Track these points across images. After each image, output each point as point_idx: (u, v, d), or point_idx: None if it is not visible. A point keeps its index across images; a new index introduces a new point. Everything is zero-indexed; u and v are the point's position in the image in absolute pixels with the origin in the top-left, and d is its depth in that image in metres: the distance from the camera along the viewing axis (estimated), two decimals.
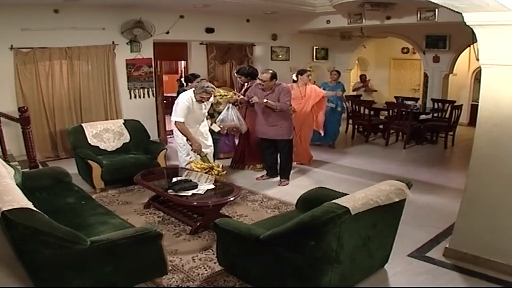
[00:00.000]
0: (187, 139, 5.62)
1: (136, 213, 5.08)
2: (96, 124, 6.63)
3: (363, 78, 12.24)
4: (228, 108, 6.48)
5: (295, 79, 7.14)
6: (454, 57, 10.36)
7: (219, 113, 6.61)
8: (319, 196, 3.81)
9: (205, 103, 5.82)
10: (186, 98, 5.63)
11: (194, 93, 5.65)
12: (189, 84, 6.75)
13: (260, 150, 6.66)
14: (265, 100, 5.89)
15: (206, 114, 6.09)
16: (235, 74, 7.08)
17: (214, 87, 5.84)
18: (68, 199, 4.33)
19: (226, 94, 6.70)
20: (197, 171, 5.30)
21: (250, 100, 6.00)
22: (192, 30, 9.06)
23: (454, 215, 4.06)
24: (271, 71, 6.03)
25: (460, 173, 6.21)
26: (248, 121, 6.56)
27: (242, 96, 6.57)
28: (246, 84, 6.88)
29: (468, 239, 3.81)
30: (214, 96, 6.67)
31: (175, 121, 5.61)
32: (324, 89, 7.77)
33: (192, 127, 5.76)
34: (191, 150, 5.68)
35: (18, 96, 7.15)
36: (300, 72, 7.11)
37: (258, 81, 6.12)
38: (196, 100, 5.66)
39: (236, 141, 7.64)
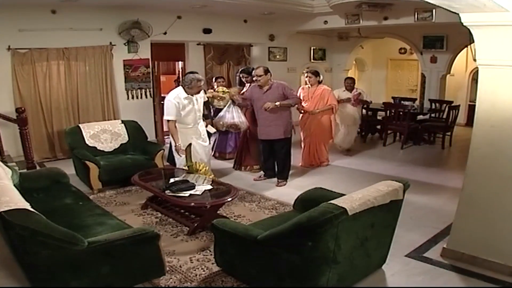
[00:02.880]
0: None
1: (133, 213, 5.08)
2: (93, 124, 6.64)
3: (348, 83, 8.35)
4: (230, 105, 6.47)
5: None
6: (452, 57, 10.38)
7: (219, 109, 6.60)
8: (317, 196, 3.81)
9: (196, 98, 5.78)
10: (173, 97, 5.61)
11: (184, 88, 5.64)
12: None
13: (258, 151, 6.67)
14: (277, 103, 5.90)
15: (202, 110, 6.03)
16: (240, 74, 7.07)
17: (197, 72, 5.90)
18: (66, 200, 4.33)
19: (228, 90, 6.69)
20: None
21: (266, 108, 5.92)
22: (190, 30, 9.06)
23: (451, 216, 4.07)
24: (262, 67, 6.14)
25: (457, 173, 6.22)
26: (247, 120, 6.57)
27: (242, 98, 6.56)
28: (248, 84, 6.87)
29: (466, 239, 3.82)
30: (217, 91, 6.65)
31: (167, 120, 5.67)
32: None
33: (190, 125, 5.76)
34: (174, 149, 5.72)
35: (16, 96, 7.13)
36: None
37: (255, 78, 6.10)
38: (189, 94, 5.64)
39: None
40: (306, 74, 7.08)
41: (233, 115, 6.43)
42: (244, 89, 6.92)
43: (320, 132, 7.11)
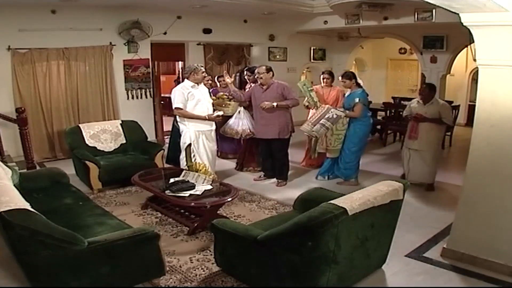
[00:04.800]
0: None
1: (133, 213, 5.08)
2: (93, 125, 6.64)
3: (424, 91, 6.04)
4: (240, 112, 6.42)
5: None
6: (452, 57, 10.37)
7: (226, 116, 6.55)
8: (317, 196, 3.81)
9: (200, 88, 5.80)
10: (180, 87, 5.73)
11: (189, 78, 5.71)
12: None
13: (259, 152, 6.66)
14: (274, 104, 5.87)
15: (211, 104, 5.97)
16: (245, 72, 7.06)
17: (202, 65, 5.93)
18: (66, 200, 4.32)
19: (229, 97, 6.64)
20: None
21: (263, 107, 5.91)
22: (190, 30, 9.06)
23: (451, 216, 4.08)
24: (265, 65, 6.15)
25: (457, 173, 6.22)
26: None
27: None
28: (249, 84, 6.87)
29: (466, 239, 3.82)
30: (222, 99, 6.61)
31: (174, 108, 5.68)
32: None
33: (203, 115, 5.73)
34: (210, 119, 5.72)
35: (16, 96, 7.14)
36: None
37: (256, 75, 6.08)
38: (195, 83, 5.70)
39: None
40: (322, 76, 6.93)
41: (245, 122, 6.36)
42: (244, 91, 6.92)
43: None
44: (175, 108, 5.66)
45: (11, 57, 7.02)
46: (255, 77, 6.14)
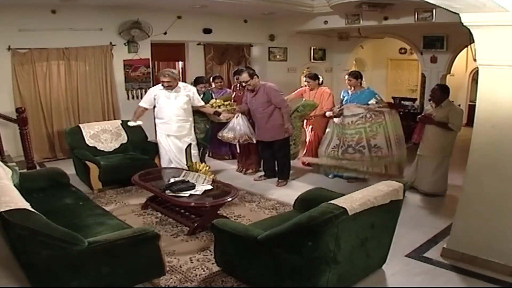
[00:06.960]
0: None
1: (133, 213, 5.08)
2: (93, 124, 6.65)
3: (433, 93, 5.74)
4: (237, 116, 6.41)
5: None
6: (452, 57, 10.35)
7: (221, 123, 6.53)
8: (317, 196, 3.81)
9: (175, 94, 5.93)
10: (154, 87, 6.17)
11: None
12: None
13: (259, 152, 6.66)
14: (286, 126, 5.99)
15: (181, 109, 5.96)
16: (234, 76, 7.07)
17: (173, 71, 6.08)
18: (66, 200, 4.33)
19: (225, 104, 6.62)
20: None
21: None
22: (190, 30, 9.06)
23: (451, 216, 4.07)
24: (246, 70, 6.10)
25: (457, 173, 6.21)
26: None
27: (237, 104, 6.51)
28: (234, 86, 6.89)
29: (466, 239, 3.82)
30: (212, 106, 6.56)
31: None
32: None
33: (164, 119, 5.95)
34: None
35: (16, 96, 7.13)
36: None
37: (243, 84, 6.13)
38: (162, 87, 5.97)
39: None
40: (304, 79, 6.96)
41: (241, 127, 6.31)
42: (234, 93, 6.92)
43: (319, 138, 7.04)
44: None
45: (11, 57, 7.01)
46: (242, 85, 6.16)
